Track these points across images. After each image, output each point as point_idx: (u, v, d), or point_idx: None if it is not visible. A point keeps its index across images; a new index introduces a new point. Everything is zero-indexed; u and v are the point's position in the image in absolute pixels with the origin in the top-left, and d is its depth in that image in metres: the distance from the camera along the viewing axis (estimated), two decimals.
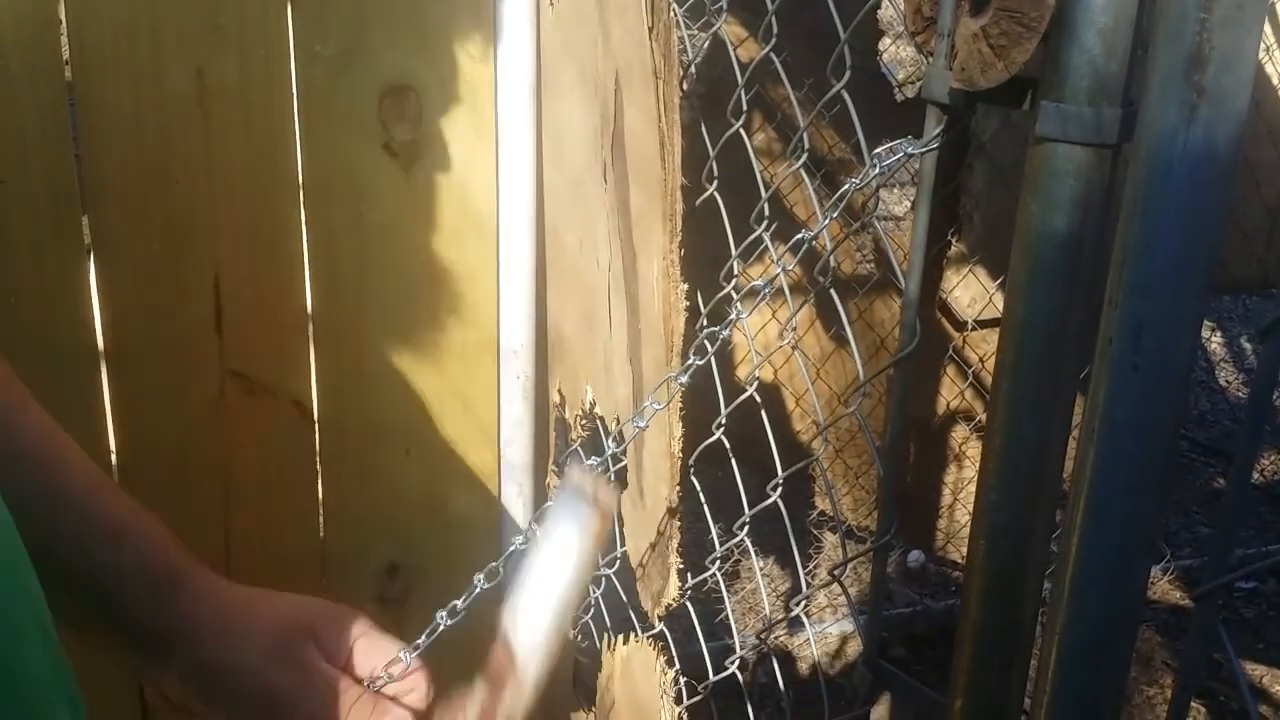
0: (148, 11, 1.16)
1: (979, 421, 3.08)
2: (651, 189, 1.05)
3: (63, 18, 1.15)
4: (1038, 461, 0.77)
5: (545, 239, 1.37)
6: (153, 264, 1.24)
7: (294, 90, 1.21)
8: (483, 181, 1.29)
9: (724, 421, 1.15)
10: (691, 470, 1.23)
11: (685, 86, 1.00)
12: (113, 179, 1.20)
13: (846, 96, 0.95)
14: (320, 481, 1.39)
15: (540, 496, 1.50)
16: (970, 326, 2.94)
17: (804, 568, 3.36)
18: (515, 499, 1.46)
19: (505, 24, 1.22)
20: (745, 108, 1.10)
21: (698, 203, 1.18)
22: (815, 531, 3.54)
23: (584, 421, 1.42)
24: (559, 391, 1.44)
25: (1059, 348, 0.73)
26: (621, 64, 1.09)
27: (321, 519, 1.41)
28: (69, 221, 1.20)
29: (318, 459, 1.38)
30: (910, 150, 0.74)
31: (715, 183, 1.16)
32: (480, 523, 1.47)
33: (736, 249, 1.14)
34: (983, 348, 3.01)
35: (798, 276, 2.82)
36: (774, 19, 1.03)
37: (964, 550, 3.43)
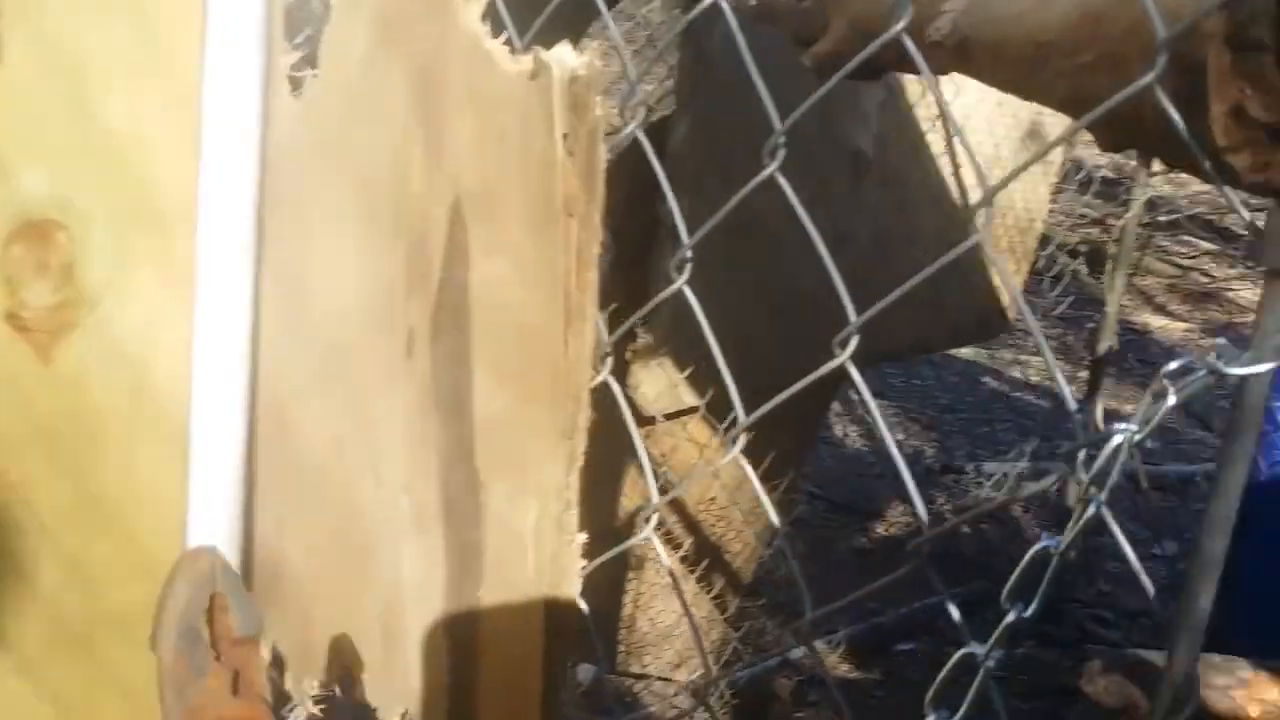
0: None
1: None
2: (530, 383, 0.65)
3: None
4: None
5: (263, 430, 0.90)
6: None
7: None
8: (169, 354, 0.81)
9: None
10: None
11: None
12: None
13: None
14: None
15: None
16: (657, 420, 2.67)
17: None
18: None
19: (214, 115, 0.75)
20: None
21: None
22: None
23: (323, 690, 0.96)
24: (273, 649, 0.97)
25: None
26: (469, 187, 0.67)
27: None
28: None
29: None
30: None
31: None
32: None
33: None
34: (667, 441, 2.75)
35: None
36: None
37: (646, 660, 3.15)
